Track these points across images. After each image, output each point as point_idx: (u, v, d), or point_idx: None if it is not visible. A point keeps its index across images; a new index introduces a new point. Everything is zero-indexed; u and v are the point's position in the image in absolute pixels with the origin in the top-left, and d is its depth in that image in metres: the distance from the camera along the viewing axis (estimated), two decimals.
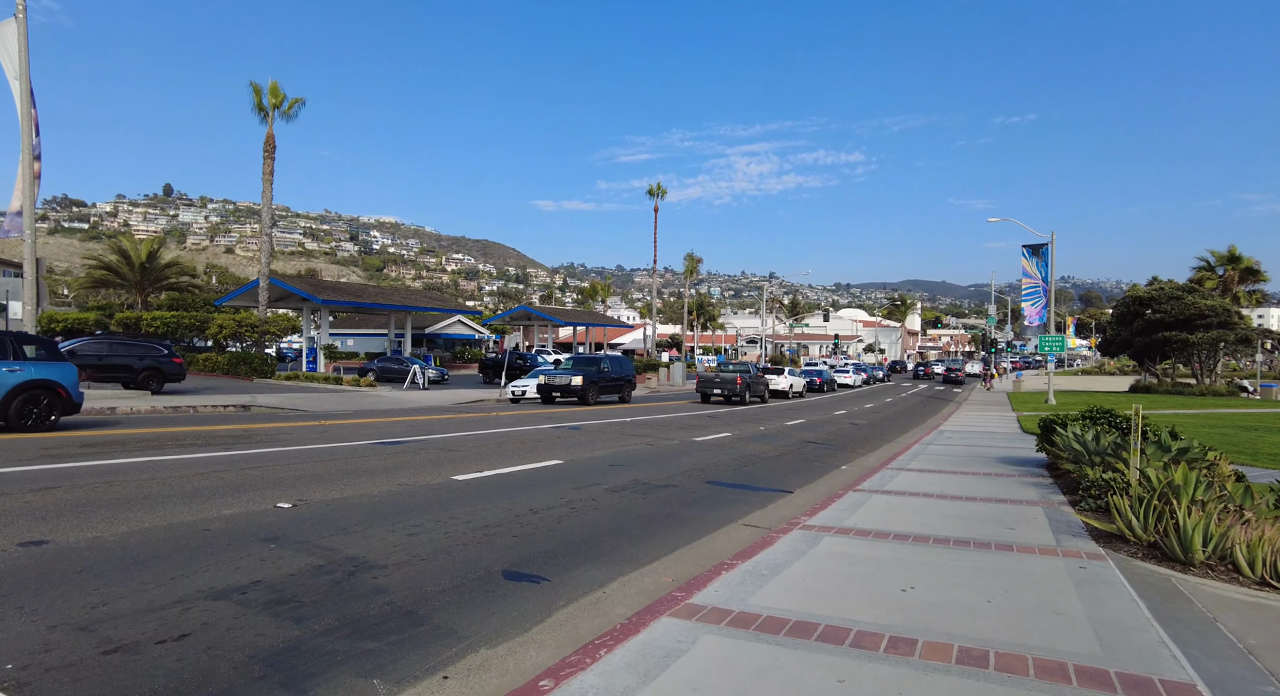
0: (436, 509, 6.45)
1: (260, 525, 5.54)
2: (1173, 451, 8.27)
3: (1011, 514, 7.24)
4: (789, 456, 12.75)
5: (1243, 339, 41.74)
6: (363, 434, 12.35)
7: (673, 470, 10.05)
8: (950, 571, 4.90)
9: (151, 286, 42.43)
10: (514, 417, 17.38)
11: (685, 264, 75.72)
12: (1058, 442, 10.05)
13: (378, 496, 6.86)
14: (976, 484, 9.35)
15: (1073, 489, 8.82)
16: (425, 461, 9.30)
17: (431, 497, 6.98)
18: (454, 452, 10.29)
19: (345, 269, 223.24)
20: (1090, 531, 6.28)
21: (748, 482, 9.56)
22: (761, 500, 8.42)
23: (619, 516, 6.81)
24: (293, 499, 6.49)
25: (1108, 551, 5.57)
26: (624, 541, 5.91)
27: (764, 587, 4.42)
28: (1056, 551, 5.56)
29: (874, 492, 8.47)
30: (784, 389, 34.39)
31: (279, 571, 4.44)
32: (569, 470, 9.32)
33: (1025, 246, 36.27)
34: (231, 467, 8.04)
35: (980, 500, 8.09)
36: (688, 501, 7.89)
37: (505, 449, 11.02)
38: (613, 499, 7.61)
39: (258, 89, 32.87)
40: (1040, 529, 6.48)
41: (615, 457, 10.90)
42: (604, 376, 24.67)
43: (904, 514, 7.16)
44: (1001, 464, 11.48)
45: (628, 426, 16.27)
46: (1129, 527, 5.68)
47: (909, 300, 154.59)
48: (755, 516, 7.53)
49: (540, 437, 12.96)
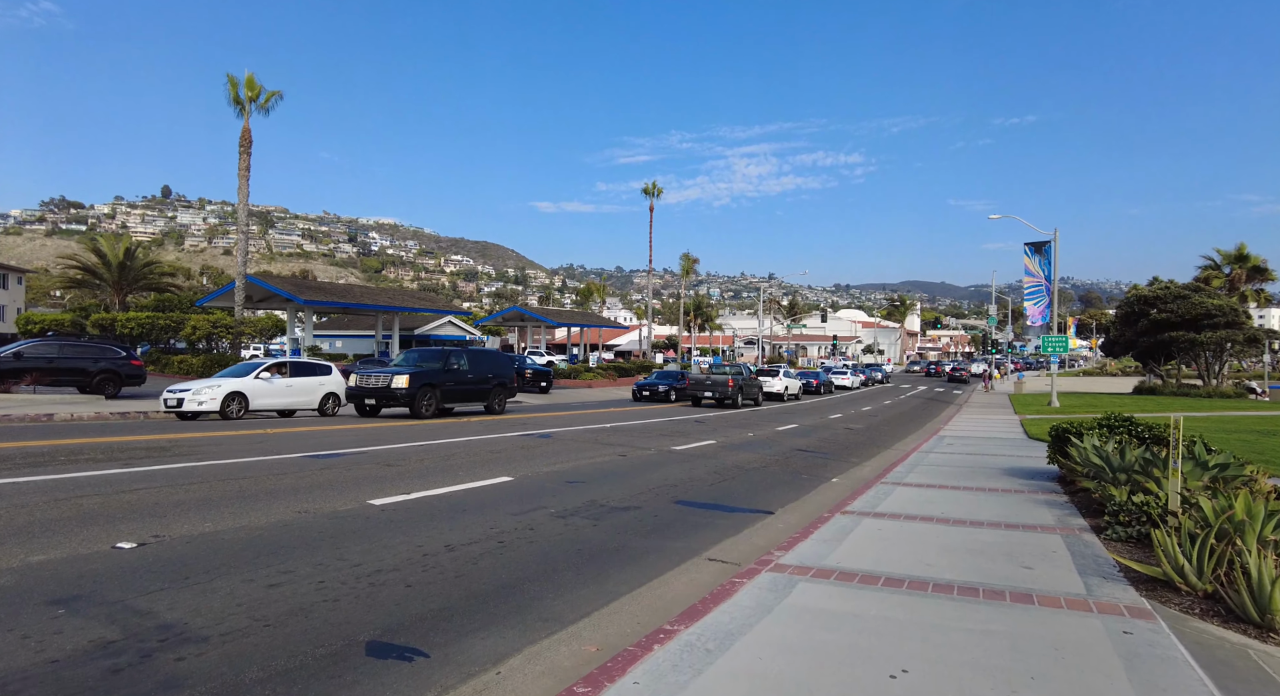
0: (325, 547, 5.29)
1: (68, 576, 4.33)
2: (1210, 467, 7.14)
3: (1026, 545, 6.09)
4: (775, 467, 11.61)
5: (1251, 339, 40.59)
6: (302, 444, 11.19)
7: (639, 487, 8.89)
8: (955, 641, 3.75)
9: (130, 286, 41.25)
10: (482, 425, 16.23)
11: (682, 264, 74.64)
12: (1074, 455, 8.90)
13: (260, 529, 5.69)
14: (982, 502, 8.20)
15: (1093, 510, 7.67)
16: (349, 480, 8.14)
17: (329, 530, 5.83)
18: (391, 468, 9.12)
19: (343, 270, 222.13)
20: (1126, 573, 5.13)
21: (723, 501, 8.42)
22: (736, 524, 7.28)
23: (556, 552, 5.66)
24: (146, 535, 5.30)
25: (1154, 604, 4.42)
26: (550, 589, 4.76)
27: (704, 674, 3.27)
28: (1089, 604, 4.41)
29: (864, 515, 7.33)
30: (779, 391, 33.24)
31: (40, 655, 3.26)
32: (516, 489, 8.15)
33: (1027, 244, 35.16)
34: (106, 490, 6.83)
35: (987, 525, 6.95)
36: (647, 528, 6.75)
37: (453, 463, 9.87)
38: (555, 528, 6.46)
39: (234, 81, 31.79)
40: (1063, 567, 5.34)
41: (577, 472, 9.74)
42: (453, 376, 18.52)
43: (898, 545, 6.02)
44: (1008, 476, 10.34)
45: (604, 434, 15.11)
46: (1179, 573, 4.53)
47: (908, 301, 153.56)
48: (725, 546, 6.39)
49: (499, 449, 11.80)
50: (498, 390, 20.06)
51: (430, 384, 17.68)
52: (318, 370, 18.19)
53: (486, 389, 19.65)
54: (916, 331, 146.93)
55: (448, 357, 18.87)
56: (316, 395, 17.72)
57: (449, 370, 18.53)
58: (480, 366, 19.70)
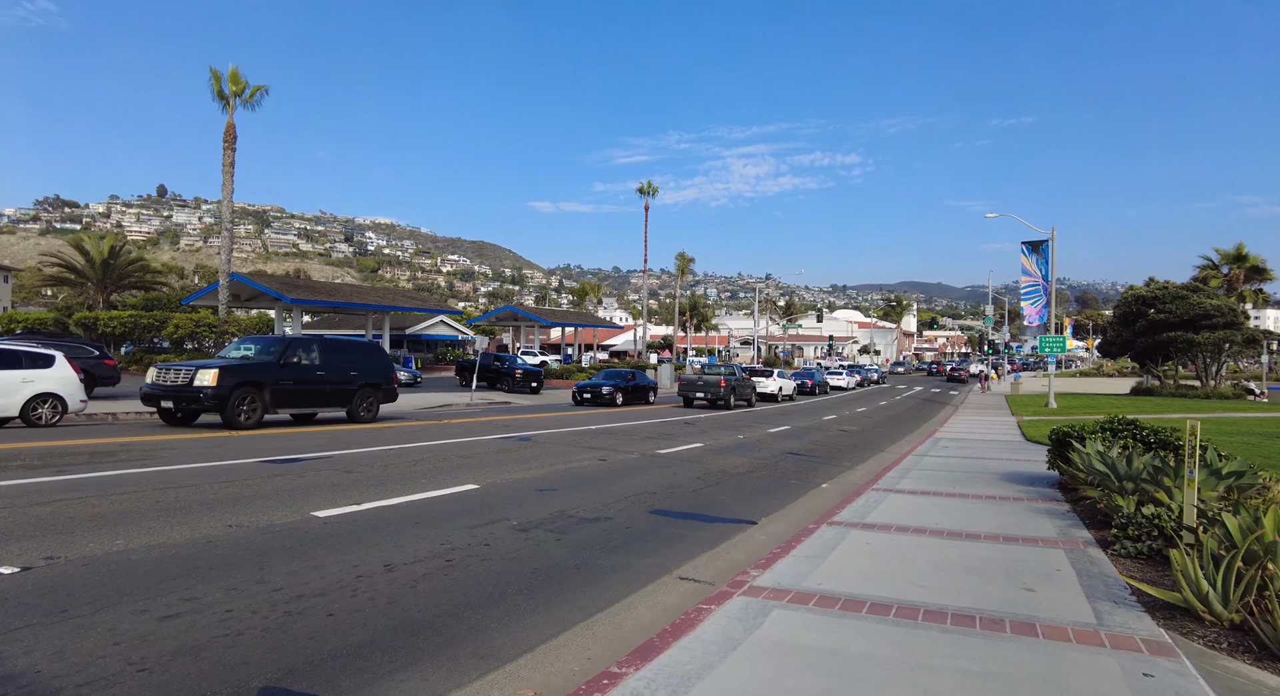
0: (247, 567, 4.74)
1: None
2: (1225, 476, 6.64)
3: (1027, 562, 5.57)
4: (763, 472, 11.09)
5: (1249, 340, 40.21)
6: (261, 449, 10.63)
7: (615, 495, 8.36)
8: (946, 688, 3.23)
9: (115, 285, 40.60)
10: (462, 427, 15.68)
11: (677, 263, 74.09)
12: (1076, 461, 8.39)
13: (179, 547, 5.13)
14: (979, 511, 7.69)
15: (1098, 521, 7.16)
16: (300, 488, 7.58)
17: (257, 547, 5.27)
18: (350, 474, 8.56)
19: (340, 270, 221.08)
20: (1139, 597, 4.61)
21: (704, 510, 7.89)
22: (714, 536, 6.75)
23: (509, 572, 5.12)
24: (38, 557, 4.69)
25: (1174, 636, 3.90)
26: (494, 617, 4.22)
27: None
28: (1100, 636, 3.89)
29: (853, 526, 6.81)
30: (773, 392, 32.73)
31: None
32: (480, 499, 7.60)
33: (1025, 243, 34.71)
34: (20, 502, 6.07)
35: (984, 538, 6.43)
36: (616, 543, 6.21)
37: (420, 468, 9.31)
38: (514, 543, 5.92)
39: (217, 75, 31.13)
40: (1069, 589, 4.82)
41: (551, 479, 9.20)
42: (293, 373, 14.38)
43: (888, 562, 5.49)
44: (1006, 482, 9.83)
45: (587, 437, 14.58)
46: (1202, 600, 4.02)
47: (905, 301, 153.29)
48: (700, 562, 5.86)
49: (473, 453, 11.25)
50: (365, 392, 15.88)
51: (253, 382, 13.50)
52: (12, 361, 12.66)
53: (348, 390, 15.49)
54: (913, 332, 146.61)
55: (288, 348, 14.57)
56: (18, 397, 12.57)
57: (288, 364, 14.27)
58: (339, 361, 15.52)
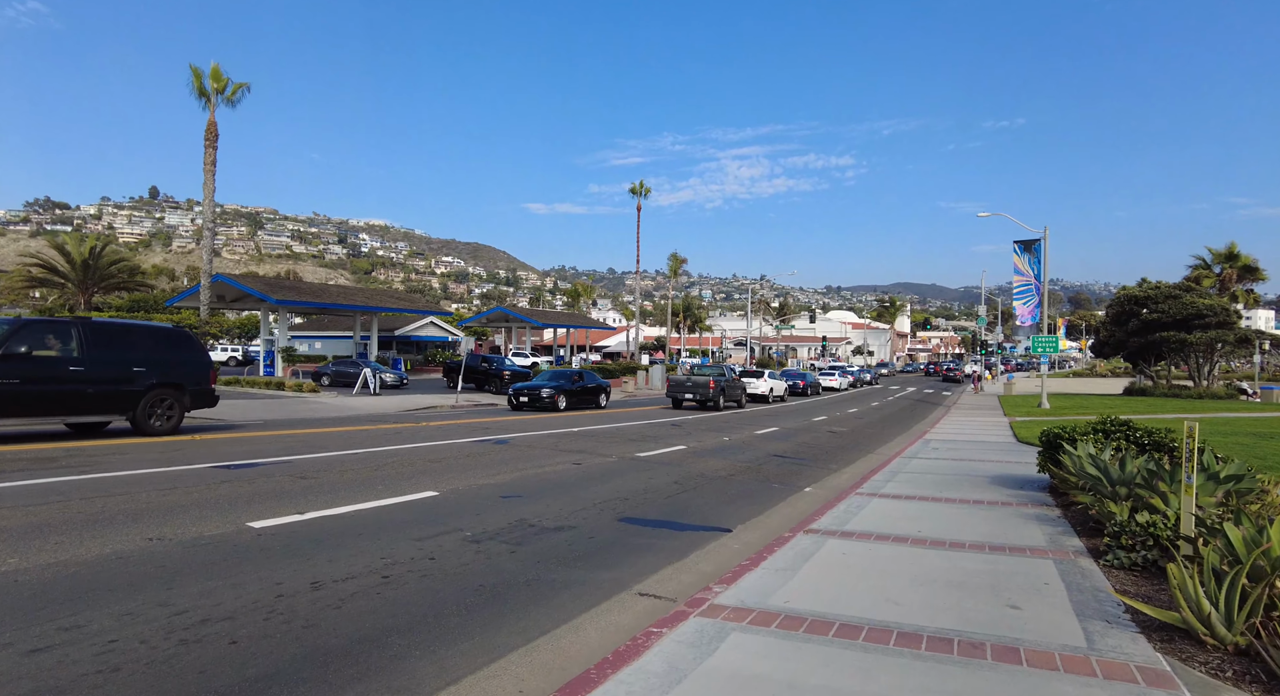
0: (153, 588, 4.30)
1: None
2: (1223, 480, 6.25)
3: (1014, 575, 5.17)
4: (744, 475, 10.68)
5: (1242, 339, 40.07)
6: (222, 453, 10.16)
7: (584, 501, 7.93)
8: None
9: (96, 286, 39.92)
10: (439, 429, 15.22)
11: (669, 264, 73.73)
12: (1067, 464, 8.00)
13: (83, 565, 4.68)
14: (965, 518, 7.30)
15: (1089, 528, 6.78)
16: (245, 495, 7.13)
17: (173, 564, 4.82)
18: (305, 480, 8.11)
19: (333, 271, 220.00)
20: (1134, 616, 4.21)
21: (676, 517, 7.48)
22: (684, 546, 6.34)
23: (450, 590, 4.69)
24: None
25: (1172, 661, 3.50)
26: (421, 643, 3.79)
27: None
28: (1091, 664, 3.49)
29: (831, 535, 6.40)
30: (763, 393, 32.34)
31: None
32: (436, 507, 7.16)
33: (1017, 242, 34.49)
34: None
35: (969, 547, 6.03)
36: (576, 554, 5.79)
37: (380, 474, 8.86)
38: (463, 556, 5.49)
39: (197, 72, 30.68)
40: (1058, 607, 4.42)
41: (518, 484, 8.77)
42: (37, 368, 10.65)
43: (863, 576, 5.09)
44: (995, 486, 9.45)
45: (566, 439, 14.14)
46: (1203, 622, 3.62)
47: (898, 302, 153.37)
48: (663, 576, 5.44)
49: (441, 457, 10.80)
50: (160, 395, 12.12)
51: None
52: None
53: (128, 391, 11.70)
54: (906, 333, 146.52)
55: (16, 334, 10.57)
56: None
57: (31, 357, 10.64)
58: (114, 355, 11.59)
